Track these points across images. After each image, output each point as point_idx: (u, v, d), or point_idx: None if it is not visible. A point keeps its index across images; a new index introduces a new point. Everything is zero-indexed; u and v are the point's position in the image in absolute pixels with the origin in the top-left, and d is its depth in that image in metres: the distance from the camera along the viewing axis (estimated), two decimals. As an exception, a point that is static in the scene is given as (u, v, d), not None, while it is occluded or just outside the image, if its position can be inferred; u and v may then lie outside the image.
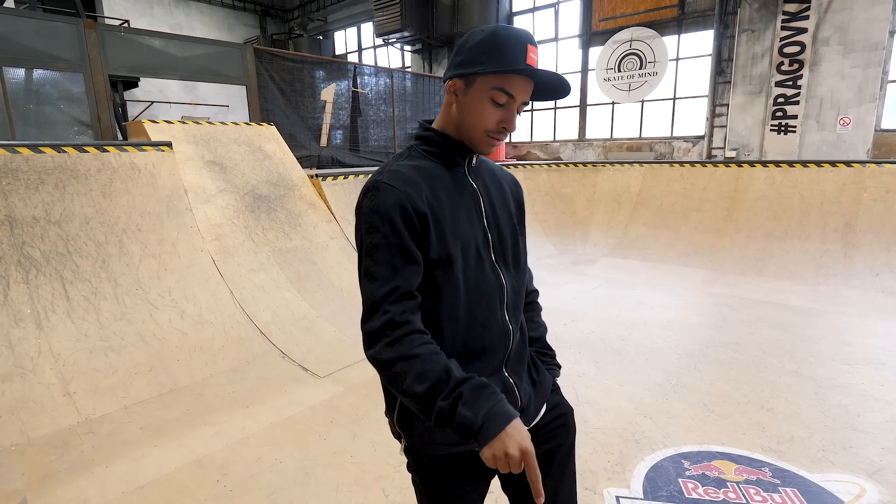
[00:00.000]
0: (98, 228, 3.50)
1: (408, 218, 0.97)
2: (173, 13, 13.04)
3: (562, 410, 1.26)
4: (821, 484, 2.34)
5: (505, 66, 0.98)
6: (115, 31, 4.75)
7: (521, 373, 1.17)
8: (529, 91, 1.05)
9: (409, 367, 0.92)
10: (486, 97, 1.01)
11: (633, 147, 9.50)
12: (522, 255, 1.21)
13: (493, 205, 1.14)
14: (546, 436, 1.21)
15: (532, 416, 1.18)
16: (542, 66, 1.04)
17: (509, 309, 1.13)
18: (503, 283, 1.11)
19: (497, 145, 1.09)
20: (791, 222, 6.37)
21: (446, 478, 1.12)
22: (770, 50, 7.58)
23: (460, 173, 1.11)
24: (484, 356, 1.09)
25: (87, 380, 2.91)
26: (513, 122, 1.05)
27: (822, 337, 4.14)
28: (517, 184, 1.28)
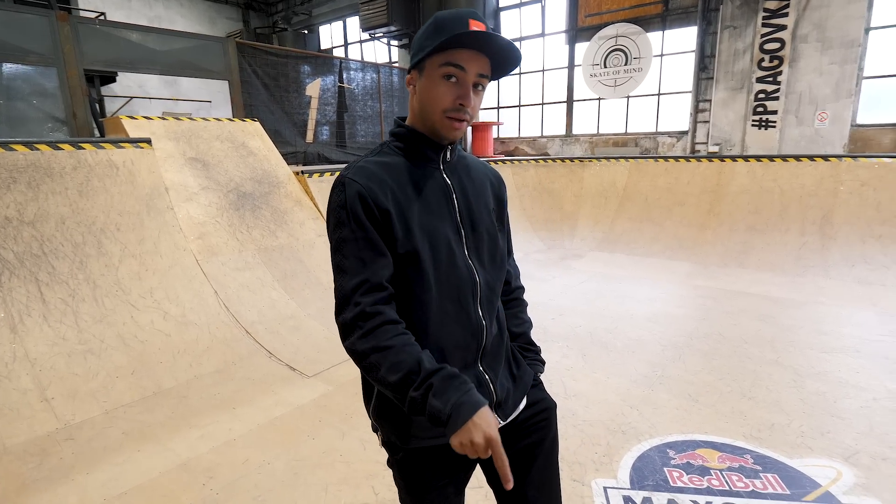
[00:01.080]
0: (75, 228, 3.42)
1: (371, 212, 1.00)
2: (152, 6, 12.73)
3: (543, 406, 1.26)
4: (800, 469, 2.40)
5: (444, 39, 0.97)
6: (89, 24, 4.62)
7: (497, 368, 1.16)
8: (481, 62, 1.01)
9: (383, 358, 0.95)
10: (436, 77, 1.01)
11: (619, 142, 9.58)
12: (500, 250, 1.19)
13: (467, 200, 1.12)
14: (527, 430, 1.22)
15: (510, 411, 1.17)
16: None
17: (483, 304, 1.12)
18: (476, 279, 1.10)
19: (461, 127, 1.05)
20: (771, 215, 6.48)
21: (422, 471, 1.13)
22: (751, 46, 7.69)
23: (432, 168, 1.10)
24: (457, 350, 1.09)
25: (66, 385, 2.84)
26: (468, 97, 1.01)
27: (800, 327, 4.23)
28: (500, 180, 1.27)
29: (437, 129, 1.05)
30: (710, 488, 2.28)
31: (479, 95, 1.05)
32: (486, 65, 1.03)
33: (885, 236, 5.65)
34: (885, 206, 5.81)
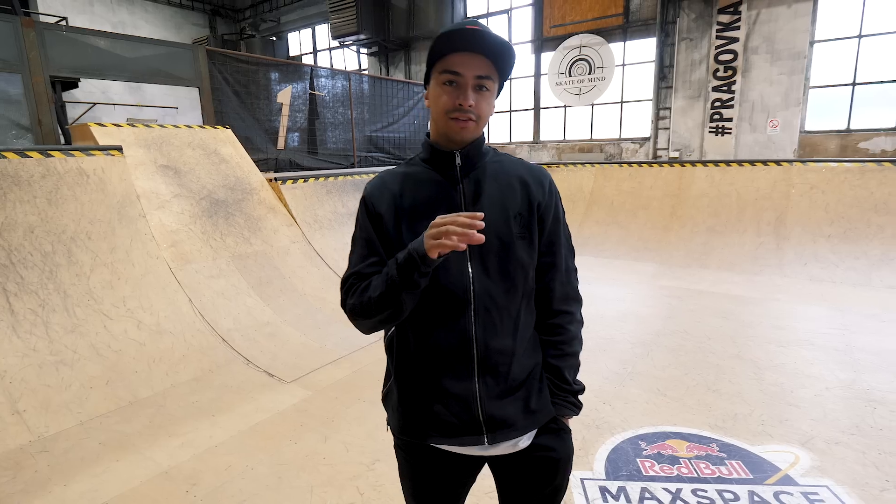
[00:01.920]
0: (44, 237, 3.33)
1: (371, 216, 1.14)
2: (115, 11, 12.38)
3: (551, 455, 1.17)
4: (761, 455, 2.57)
5: (435, 45, 1.05)
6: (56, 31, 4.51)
7: (496, 387, 1.10)
8: (477, 63, 1.04)
9: (365, 293, 1.07)
10: (439, 84, 1.07)
11: (585, 148, 9.87)
12: (517, 260, 1.11)
13: (479, 206, 1.10)
14: (524, 472, 1.17)
15: (501, 439, 1.11)
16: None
17: (479, 314, 1.08)
18: (471, 287, 1.07)
19: (466, 126, 1.07)
20: (729, 217, 6.82)
21: (408, 460, 1.22)
22: (707, 57, 8.09)
23: (449, 174, 1.13)
24: (446, 356, 1.10)
25: (38, 396, 2.77)
26: (466, 97, 1.04)
27: (759, 322, 4.48)
28: (540, 183, 1.16)
29: (445, 131, 1.09)
30: (680, 476, 2.42)
31: (484, 96, 1.07)
32: (485, 65, 1.05)
33: (833, 236, 6.03)
34: (832, 208, 6.20)
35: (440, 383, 1.11)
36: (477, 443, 1.10)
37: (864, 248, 5.78)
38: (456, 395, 1.10)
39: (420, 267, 0.97)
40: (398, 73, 11.81)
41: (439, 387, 1.11)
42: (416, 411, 1.14)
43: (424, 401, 1.12)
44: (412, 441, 1.17)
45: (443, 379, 1.11)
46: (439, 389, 1.11)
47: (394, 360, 1.19)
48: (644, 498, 2.26)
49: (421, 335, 1.12)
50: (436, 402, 1.11)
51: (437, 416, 1.11)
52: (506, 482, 1.21)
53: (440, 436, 1.12)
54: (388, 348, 1.22)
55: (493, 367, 1.10)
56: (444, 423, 1.11)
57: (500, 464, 1.19)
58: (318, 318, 4.34)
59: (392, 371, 1.21)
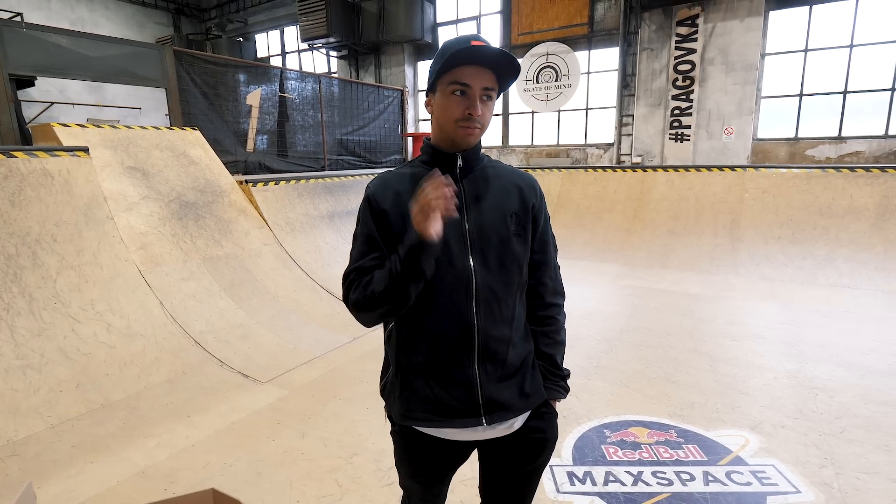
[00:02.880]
0: (7, 239, 3.25)
1: (374, 213, 1.21)
2: (74, 7, 11.93)
3: (540, 436, 1.27)
4: (715, 439, 2.77)
5: (446, 59, 1.12)
6: (15, 27, 4.39)
7: (494, 373, 1.19)
8: (485, 76, 1.13)
9: (368, 287, 1.15)
10: (447, 94, 1.15)
11: (552, 153, 10.15)
12: (513, 256, 1.22)
13: (479, 206, 1.20)
14: (512, 450, 1.26)
15: (498, 420, 1.20)
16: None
17: (480, 304, 1.17)
18: (472, 278, 1.16)
19: (473, 133, 1.16)
20: (688, 220, 7.18)
21: (406, 446, 1.30)
22: (667, 67, 8.48)
23: (450, 175, 1.18)
24: (448, 344, 1.18)
25: (4, 401, 2.71)
26: (476, 107, 1.13)
27: (714, 318, 4.76)
28: (532, 188, 1.28)
29: (452, 138, 1.19)
30: (641, 460, 2.59)
31: (487, 106, 1.17)
32: (490, 78, 1.14)
33: (783, 237, 6.43)
34: (782, 211, 6.62)
35: (443, 370, 1.19)
36: (476, 424, 1.19)
37: (810, 249, 6.19)
38: (458, 380, 1.18)
39: (422, 255, 1.06)
40: (368, 76, 11.84)
41: (442, 373, 1.19)
42: (418, 399, 1.21)
43: (427, 387, 1.20)
44: (412, 428, 1.24)
45: (445, 366, 1.19)
46: (442, 375, 1.19)
47: (394, 350, 1.26)
48: (609, 481, 2.42)
49: (424, 325, 1.20)
50: (438, 388, 1.19)
51: (440, 400, 1.19)
52: (492, 462, 1.30)
53: (442, 418, 1.20)
54: (387, 339, 1.29)
55: (492, 353, 1.19)
56: (447, 407, 1.19)
57: (491, 446, 1.27)
58: (292, 319, 4.36)
59: (392, 361, 1.27)
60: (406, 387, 1.23)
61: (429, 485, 1.34)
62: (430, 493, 1.36)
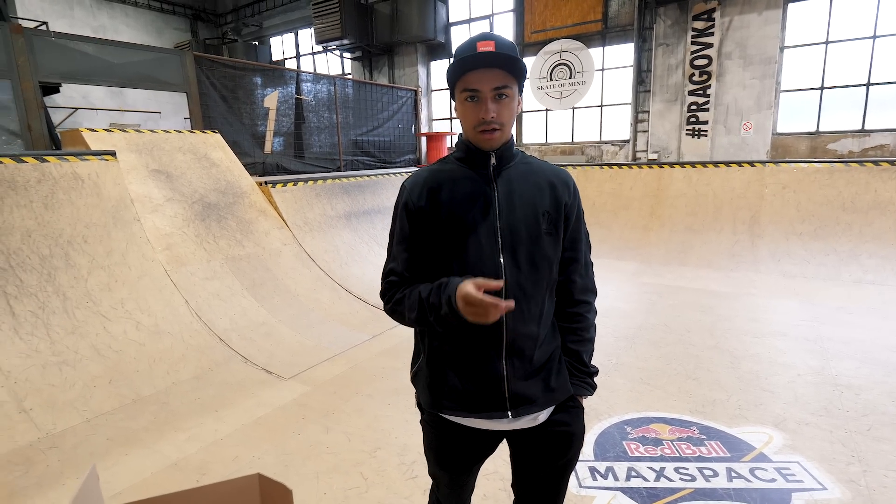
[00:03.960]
0: (41, 241, 3.37)
1: (410, 211, 1.24)
2: (96, 15, 12.24)
3: (565, 429, 1.28)
4: (738, 436, 2.76)
5: (453, 67, 1.14)
6: (44, 36, 4.53)
7: (522, 368, 1.21)
8: (494, 76, 1.13)
9: (402, 308, 1.23)
10: (462, 102, 1.18)
11: (567, 151, 10.11)
12: (543, 254, 1.22)
13: (511, 203, 1.20)
14: (538, 441, 1.28)
15: (524, 413, 1.23)
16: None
17: (509, 300, 1.15)
18: (502, 276, 1.18)
19: (493, 137, 1.18)
20: (706, 217, 7.10)
21: (435, 433, 1.34)
22: (683, 62, 8.39)
23: (483, 173, 1.23)
24: (478, 339, 1.20)
25: (43, 396, 2.82)
26: (487, 110, 1.14)
27: (735, 315, 4.71)
28: (566, 184, 1.28)
29: (475, 141, 1.22)
30: (663, 456, 2.59)
31: (504, 103, 1.16)
32: (501, 76, 1.13)
33: (804, 233, 6.33)
34: (803, 207, 6.51)
35: (471, 363, 1.23)
36: (501, 417, 1.23)
37: (833, 245, 6.08)
38: (485, 373, 1.22)
39: (452, 319, 1.11)
40: (382, 77, 11.92)
41: (470, 366, 1.23)
42: (447, 389, 1.25)
43: (455, 379, 1.24)
44: (440, 416, 1.28)
45: (473, 359, 1.22)
46: (470, 369, 1.23)
47: (425, 340, 1.30)
48: (631, 476, 2.42)
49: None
50: (466, 381, 1.23)
51: (467, 391, 1.23)
52: (522, 455, 1.33)
53: (469, 411, 1.24)
54: (419, 331, 1.33)
55: (519, 350, 1.21)
56: (473, 399, 1.23)
57: (519, 438, 1.30)
58: (312, 317, 4.43)
59: (423, 351, 1.31)
60: (435, 376, 1.27)
61: (456, 473, 1.37)
62: (458, 482, 1.39)
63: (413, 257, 1.24)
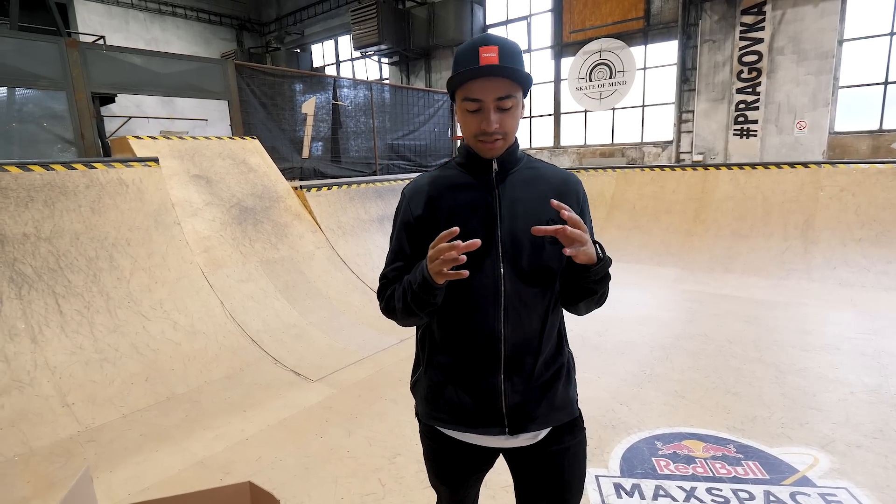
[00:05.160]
0: (88, 244, 3.57)
1: (407, 223, 1.22)
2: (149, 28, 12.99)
3: (565, 449, 1.23)
4: (779, 456, 2.57)
5: (454, 78, 1.09)
6: (96, 50, 4.81)
7: (520, 382, 1.17)
8: (497, 86, 1.08)
9: (393, 303, 1.20)
10: (462, 109, 1.13)
11: (606, 153, 9.85)
12: (544, 266, 1.16)
13: (514, 211, 1.15)
14: (537, 459, 1.23)
15: (521, 429, 1.18)
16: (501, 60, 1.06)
17: (508, 314, 1.14)
18: (501, 287, 1.13)
19: (494, 146, 1.13)
20: (755, 221, 6.73)
21: (432, 446, 1.31)
22: (730, 59, 8.01)
23: (484, 179, 1.18)
24: (471, 350, 1.18)
25: (85, 391, 2.97)
26: (489, 122, 1.09)
27: (783, 327, 4.43)
28: (573, 192, 1.22)
29: (475, 149, 1.18)
30: (695, 475, 2.45)
31: (506, 114, 1.11)
32: (503, 85, 1.08)
33: (864, 239, 5.90)
34: (863, 210, 6.06)
35: (468, 376, 1.19)
36: (499, 433, 1.18)
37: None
38: (483, 387, 1.17)
39: (428, 291, 1.08)
40: (419, 81, 12.01)
41: (467, 379, 1.19)
42: (443, 402, 1.22)
43: (452, 392, 1.20)
44: (437, 428, 1.26)
45: (471, 372, 1.18)
46: (467, 381, 1.19)
47: (425, 352, 1.27)
48: (658, 495, 2.31)
49: (452, 331, 1.20)
50: (463, 393, 1.19)
51: (464, 405, 1.19)
52: (520, 475, 1.28)
53: (465, 425, 1.20)
54: (420, 340, 1.30)
55: (518, 364, 1.17)
56: (470, 413, 1.19)
57: (517, 456, 1.25)
58: (342, 320, 4.49)
59: (423, 362, 1.28)
60: (432, 388, 1.24)
61: (454, 487, 1.34)
62: (457, 495, 1.36)
63: (406, 266, 1.22)
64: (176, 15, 13.65)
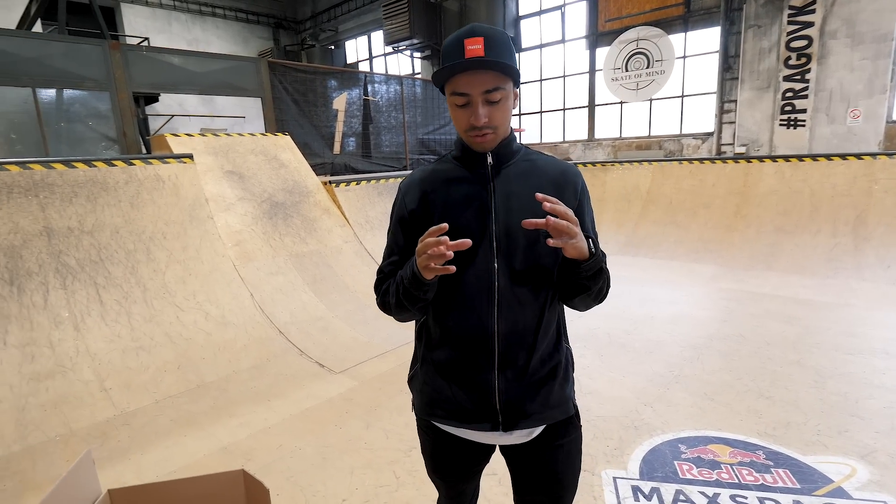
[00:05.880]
0: (127, 237, 3.75)
1: (402, 217, 1.23)
2: (190, 29, 13.49)
3: (560, 447, 1.23)
4: (813, 465, 2.44)
5: (440, 72, 1.07)
6: (137, 51, 5.03)
7: (514, 379, 1.16)
8: (484, 79, 1.06)
9: (385, 297, 1.22)
10: (451, 103, 1.12)
11: (643, 145, 9.55)
12: (539, 261, 1.15)
13: (508, 205, 1.13)
14: (532, 457, 1.24)
15: (515, 426, 1.17)
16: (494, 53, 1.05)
17: (502, 308, 1.13)
18: (495, 283, 1.12)
19: (485, 140, 1.12)
20: (801, 216, 6.38)
21: (428, 439, 1.32)
22: (777, 45, 7.59)
23: (480, 173, 1.17)
24: (466, 345, 1.17)
25: (122, 377, 3.14)
26: (477, 116, 1.08)
27: (827, 328, 4.19)
28: (572, 185, 1.20)
29: (468, 143, 1.17)
30: (720, 481, 2.35)
31: (496, 107, 1.09)
32: (491, 78, 1.06)
33: (922, 236, 5.50)
34: (922, 205, 5.65)
35: (462, 372, 1.18)
36: (493, 429, 1.17)
37: (959, 250, 5.23)
38: (476, 383, 1.16)
39: (418, 286, 1.08)
40: (452, 75, 11.96)
41: (461, 375, 1.18)
42: (438, 397, 1.22)
43: (447, 388, 1.20)
44: (433, 423, 1.26)
45: (465, 368, 1.18)
46: (461, 377, 1.18)
47: (420, 346, 1.28)
48: (678, 500, 2.23)
49: (446, 326, 1.19)
50: (457, 389, 1.18)
51: (458, 401, 1.18)
52: (517, 469, 1.28)
53: (459, 421, 1.19)
54: (417, 334, 1.31)
55: (512, 360, 1.15)
56: (464, 409, 1.18)
57: (513, 452, 1.26)
58: (367, 314, 4.55)
59: (419, 357, 1.29)
60: (427, 383, 1.24)
61: (450, 481, 1.35)
62: (454, 489, 1.37)
63: (402, 261, 1.22)
64: (216, 15, 14.11)
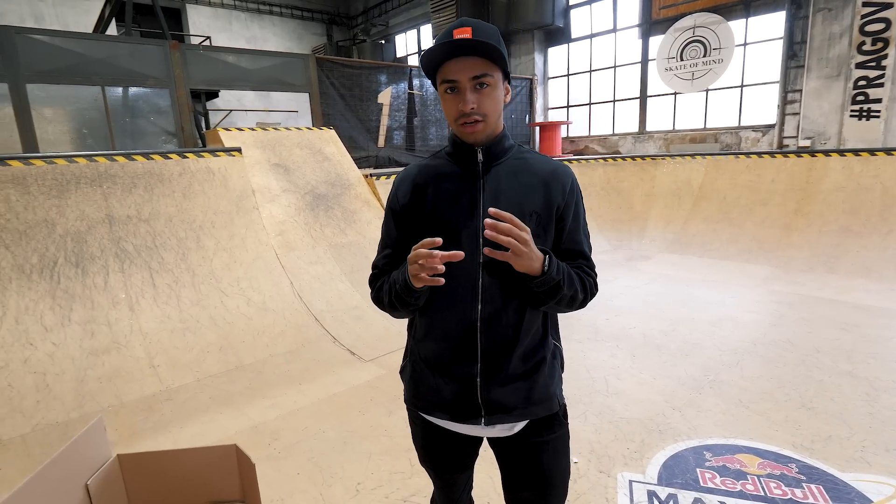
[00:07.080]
0: (179, 225, 4.03)
1: (393, 210, 1.26)
2: (249, 27, 14.13)
3: (542, 443, 1.23)
4: (850, 483, 2.29)
5: (427, 56, 1.08)
6: (195, 50, 5.35)
7: (496, 373, 1.17)
8: (471, 65, 1.07)
9: (379, 294, 1.26)
10: (441, 93, 1.14)
11: (697, 138, 9.10)
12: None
13: (497, 203, 1.12)
14: (517, 451, 1.25)
15: (498, 421, 1.19)
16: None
17: (485, 305, 1.14)
18: (478, 277, 1.14)
19: (475, 129, 1.12)
20: (871, 216, 5.89)
21: (417, 430, 1.36)
22: (849, 29, 6.99)
23: (470, 169, 1.18)
24: (450, 340, 1.19)
25: (169, 356, 3.40)
26: (465, 101, 1.08)
27: (888, 338, 3.88)
28: (561, 185, 1.19)
29: (459, 134, 1.17)
30: (743, 492, 2.26)
31: (485, 93, 1.09)
32: (479, 64, 1.07)
33: None
34: None
35: (446, 365, 1.21)
36: (475, 423, 1.20)
37: None
38: (460, 377, 1.19)
39: (409, 293, 1.11)
40: (499, 67, 11.85)
41: (445, 368, 1.21)
42: (424, 389, 1.26)
43: (433, 380, 1.24)
44: (420, 414, 1.31)
45: (449, 362, 1.21)
46: (445, 371, 1.21)
47: (410, 339, 1.33)
48: (695, 508, 2.17)
49: (432, 320, 1.23)
50: (442, 382, 1.22)
51: (441, 395, 1.22)
52: (504, 462, 1.30)
53: (443, 412, 1.23)
54: (408, 328, 1.36)
55: (495, 356, 1.17)
56: (447, 402, 1.22)
57: (498, 445, 1.28)
58: (401, 304, 4.65)
59: (407, 348, 1.34)
60: (415, 374, 1.28)
61: (438, 471, 1.38)
62: (442, 479, 1.40)
63: (395, 253, 1.26)
64: (272, 13, 14.68)
